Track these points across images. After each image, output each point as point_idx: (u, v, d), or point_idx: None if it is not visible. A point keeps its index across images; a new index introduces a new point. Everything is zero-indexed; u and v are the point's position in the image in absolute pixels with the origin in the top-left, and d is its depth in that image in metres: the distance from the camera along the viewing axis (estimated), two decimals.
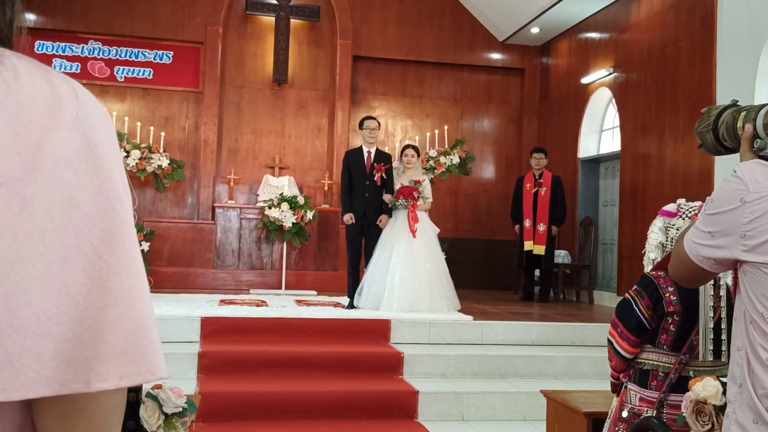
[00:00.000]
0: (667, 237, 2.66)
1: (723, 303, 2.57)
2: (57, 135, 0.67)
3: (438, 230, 7.13)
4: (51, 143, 0.66)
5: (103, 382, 0.65)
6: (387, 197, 6.92)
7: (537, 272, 8.92)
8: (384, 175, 6.94)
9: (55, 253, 0.64)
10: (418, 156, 7.34)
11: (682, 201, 2.75)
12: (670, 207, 2.72)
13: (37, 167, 0.65)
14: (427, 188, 7.08)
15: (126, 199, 0.70)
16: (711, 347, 2.53)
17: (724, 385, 2.33)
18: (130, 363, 0.67)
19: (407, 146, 7.36)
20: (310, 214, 8.32)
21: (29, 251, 0.63)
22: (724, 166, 6.57)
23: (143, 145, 8.54)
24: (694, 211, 2.65)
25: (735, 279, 1.64)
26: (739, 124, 1.68)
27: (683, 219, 2.65)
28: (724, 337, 2.56)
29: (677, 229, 2.66)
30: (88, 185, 0.67)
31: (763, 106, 1.65)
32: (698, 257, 1.62)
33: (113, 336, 0.66)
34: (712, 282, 2.55)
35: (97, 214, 0.67)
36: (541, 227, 8.54)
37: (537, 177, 8.67)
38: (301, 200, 8.34)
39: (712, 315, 2.54)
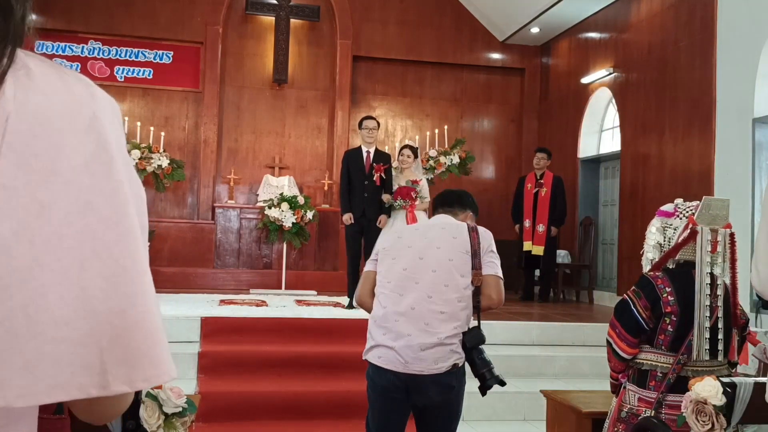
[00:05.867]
0: (664, 237, 2.65)
1: (720, 302, 2.57)
2: (74, 137, 0.65)
3: None
4: (68, 146, 0.65)
5: (122, 386, 0.65)
6: (385, 197, 6.91)
7: (537, 272, 8.92)
8: (383, 175, 6.93)
9: (73, 258, 0.64)
10: (415, 156, 7.34)
11: (679, 201, 2.74)
12: (668, 207, 2.71)
13: (55, 170, 0.64)
14: (424, 188, 7.08)
15: (132, 202, 0.69)
16: (707, 347, 2.52)
17: (723, 385, 2.32)
18: (149, 366, 0.67)
19: (404, 147, 7.38)
20: (310, 214, 8.32)
21: (47, 256, 0.62)
22: (724, 166, 6.57)
23: (143, 145, 8.54)
24: (691, 210, 2.64)
25: None
26: None
27: (680, 219, 2.64)
28: (720, 336, 2.56)
29: (674, 229, 2.64)
30: (104, 189, 0.66)
31: None
32: None
33: (132, 340, 0.66)
34: (708, 281, 2.54)
35: (112, 218, 0.66)
36: (540, 228, 8.53)
37: (538, 177, 8.66)
38: (301, 200, 8.34)
39: (708, 314, 2.53)
